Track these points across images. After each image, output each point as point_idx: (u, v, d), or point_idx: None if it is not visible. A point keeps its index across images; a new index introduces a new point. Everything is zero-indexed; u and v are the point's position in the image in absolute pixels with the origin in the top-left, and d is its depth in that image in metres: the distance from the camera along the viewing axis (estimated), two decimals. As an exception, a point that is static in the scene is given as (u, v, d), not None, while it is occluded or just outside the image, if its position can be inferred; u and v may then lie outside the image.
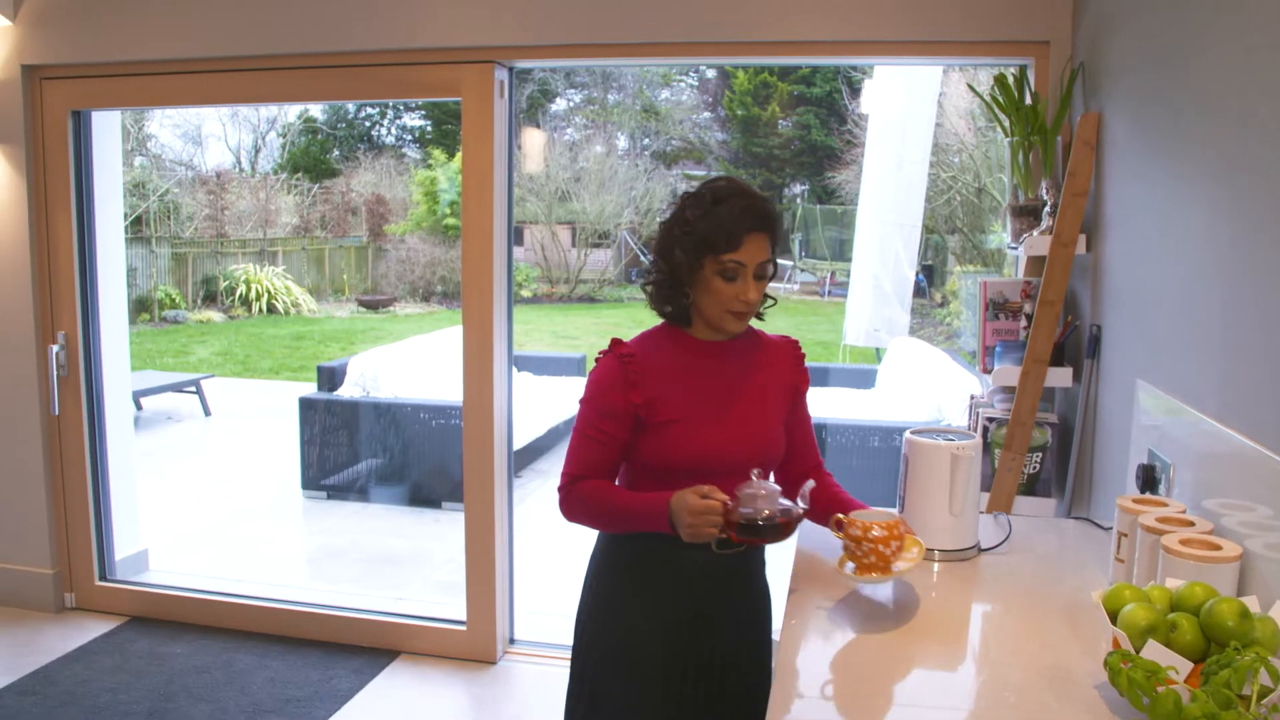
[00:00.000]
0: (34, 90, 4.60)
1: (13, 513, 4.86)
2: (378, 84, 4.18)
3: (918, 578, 2.18)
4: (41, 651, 4.46)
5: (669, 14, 3.79)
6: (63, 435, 4.78)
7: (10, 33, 4.52)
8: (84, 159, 4.69)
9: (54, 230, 4.65)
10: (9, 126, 4.56)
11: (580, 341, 15.20)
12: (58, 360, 4.68)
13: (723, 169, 24.96)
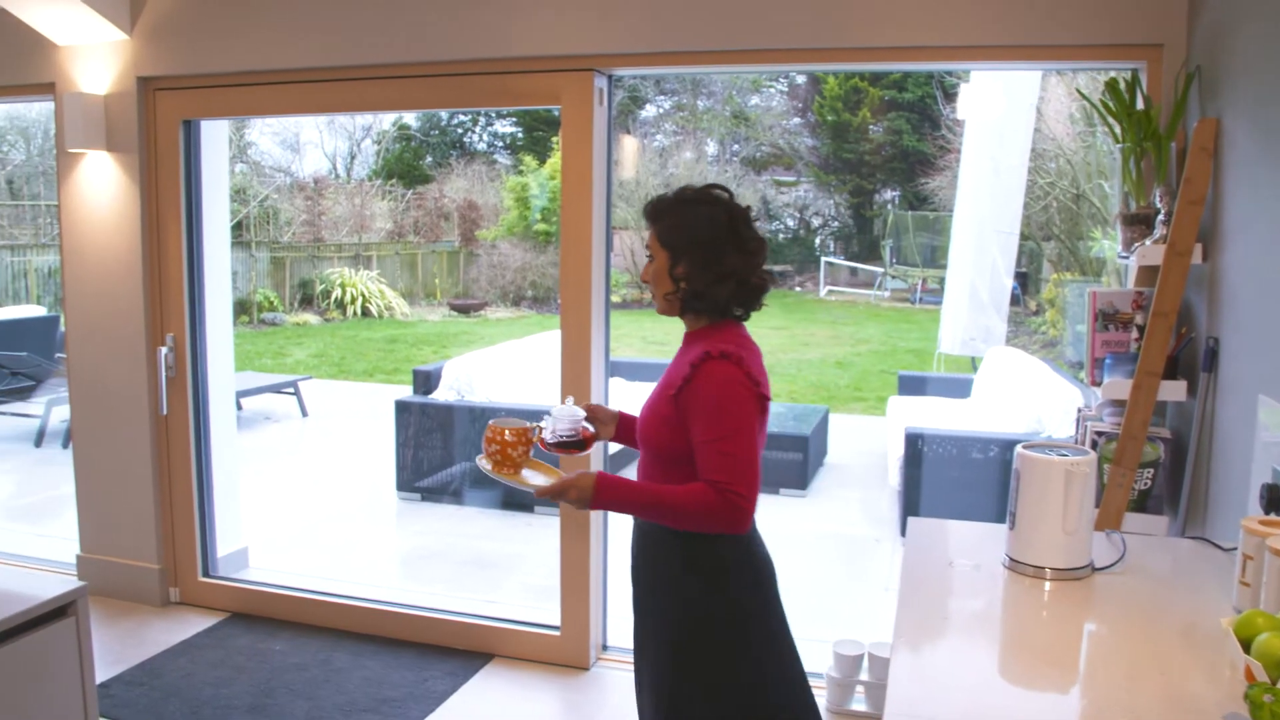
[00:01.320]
0: (148, 101, 4.73)
1: (123, 509, 5.01)
2: (479, 92, 4.22)
3: (1029, 594, 2.13)
4: (148, 644, 4.58)
5: (766, 21, 3.76)
6: (170, 435, 4.91)
7: (127, 46, 4.66)
8: (193, 167, 4.82)
9: (164, 236, 4.78)
10: (125, 136, 4.70)
11: (669, 348, 15.18)
12: (166, 362, 4.80)
13: (812, 175, 24.79)
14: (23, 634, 2.13)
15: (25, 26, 4.67)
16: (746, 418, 2.26)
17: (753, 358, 2.38)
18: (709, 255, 2.35)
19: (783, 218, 25.73)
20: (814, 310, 19.76)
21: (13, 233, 17.25)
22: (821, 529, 6.84)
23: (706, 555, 2.36)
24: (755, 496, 2.25)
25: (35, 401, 9.26)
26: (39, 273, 16.58)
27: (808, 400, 11.78)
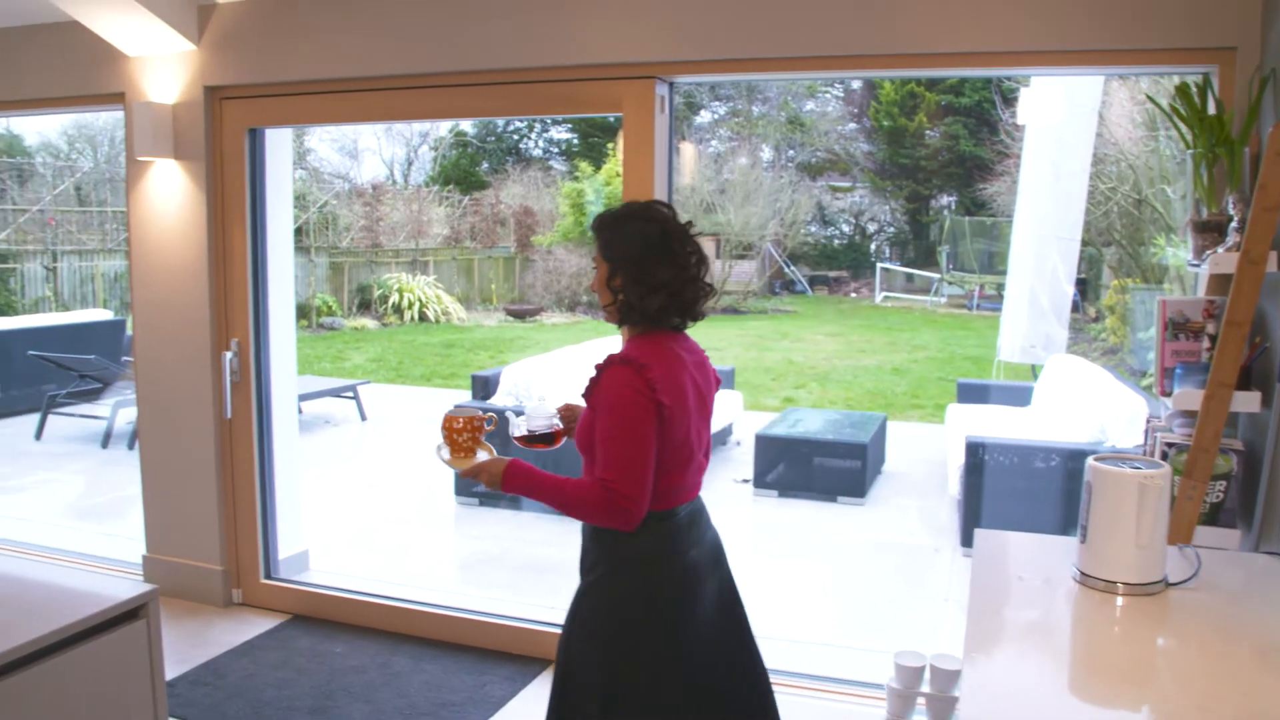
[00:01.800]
0: (214, 109, 4.80)
1: (187, 511, 5.08)
2: (541, 100, 4.24)
3: (1101, 610, 2.09)
4: (211, 644, 4.65)
5: (827, 27, 3.74)
6: (234, 438, 4.97)
7: (194, 56, 4.74)
8: (258, 174, 4.88)
9: (229, 242, 4.85)
10: (192, 144, 4.78)
11: (725, 354, 15.16)
12: (231, 367, 4.87)
13: (868, 180, 24.66)
14: (96, 635, 2.16)
15: (97, 38, 4.77)
16: (638, 422, 2.37)
17: (664, 366, 2.44)
18: (641, 269, 2.46)
19: (838, 223, 25.64)
20: (869, 316, 19.65)
21: (81, 238, 17.59)
22: (880, 538, 6.79)
23: (620, 554, 2.51)
24: (640, 496, 2.37)
25: (102, 404, 9.43)
26: (105, 277, 16.90)
27: (864, 407, 11.71)
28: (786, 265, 23.16)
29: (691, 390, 2.50)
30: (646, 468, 2.38)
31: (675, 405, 2.41)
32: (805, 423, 8.12)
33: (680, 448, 2.47)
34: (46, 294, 16.22)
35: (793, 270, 23.29)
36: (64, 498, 7.78)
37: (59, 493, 7.91)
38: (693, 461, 2.55)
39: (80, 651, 2.12)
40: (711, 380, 2.65)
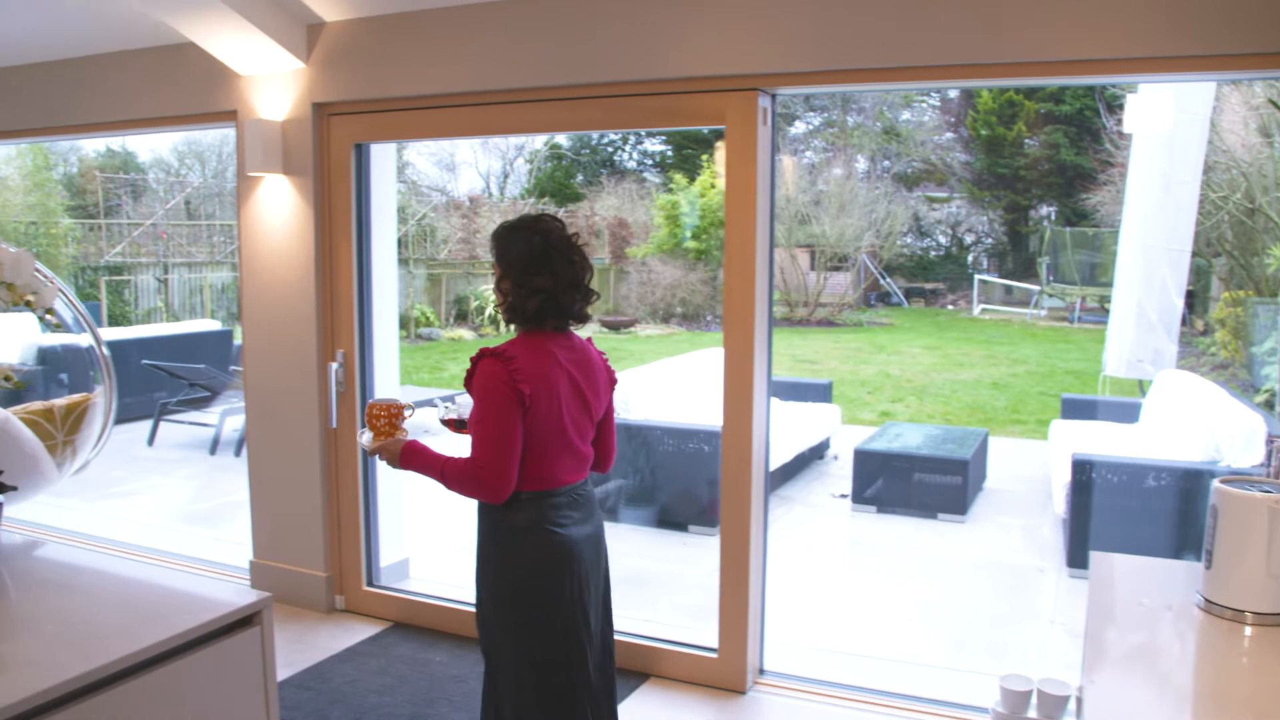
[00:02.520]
0: (322, 126, 4.91)
1: (293, 519, 5.19)
2: (643, 113, 4.25)
3: (1227, 639, 2.02)
4: (315, 649, 4.73)
5: (931, 38, 3.69)
6: (338, 448, 5.06)
7: (303, 74, 4.85)
8: (363, 188, 4.97)
9: (336, 255, 4.94)
10: (301, 159, 4.89)
11: (820, 366, 15.04)
12: (337, 377, 4.96)
13: (965, 191, 24.27)
14: (212, 641, 2.20)
15: (210, 58, 4.90)
16: (501, 407, 2.68)
17: (532, 360, 2.73)
18: (522, 275, 2.76)
19: (934, 234, 25.27)
20: (967, 329, 19.32)
21: (190, 251, 18.10)
22: (982, 556, 6.66)
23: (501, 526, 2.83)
24: (503, 471, 2.70)
25: (210, 411, 9.68)
26: (213, 288, 17.37)
27: (963, 422, 11.51)
28: (882, 277, 22.89)
29: (565, 384, 2.78)
30: (509, 447, 2.70)
31: (539, 394, 2.70)
32: (905, 438, 8.01)
33: (552, 434, 2.75)
34: (158, 304, 16.74)
35: (888, 282, 23.02)
36: (174, 502, 8.00)
37: (169, 497, 8.14)
38: (570, 450, 2.83)
39: (197, 657, 2.16)
40: (598, 378, 2.92)
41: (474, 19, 4.45)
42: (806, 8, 3.83)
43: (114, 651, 2.00)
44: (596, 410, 2.93)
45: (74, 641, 2.10)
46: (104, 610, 2.32)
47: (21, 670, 1.98)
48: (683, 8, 4.03)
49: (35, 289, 2.55)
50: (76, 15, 5.07)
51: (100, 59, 5.50)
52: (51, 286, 2.64)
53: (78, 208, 18.62)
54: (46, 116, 5.78)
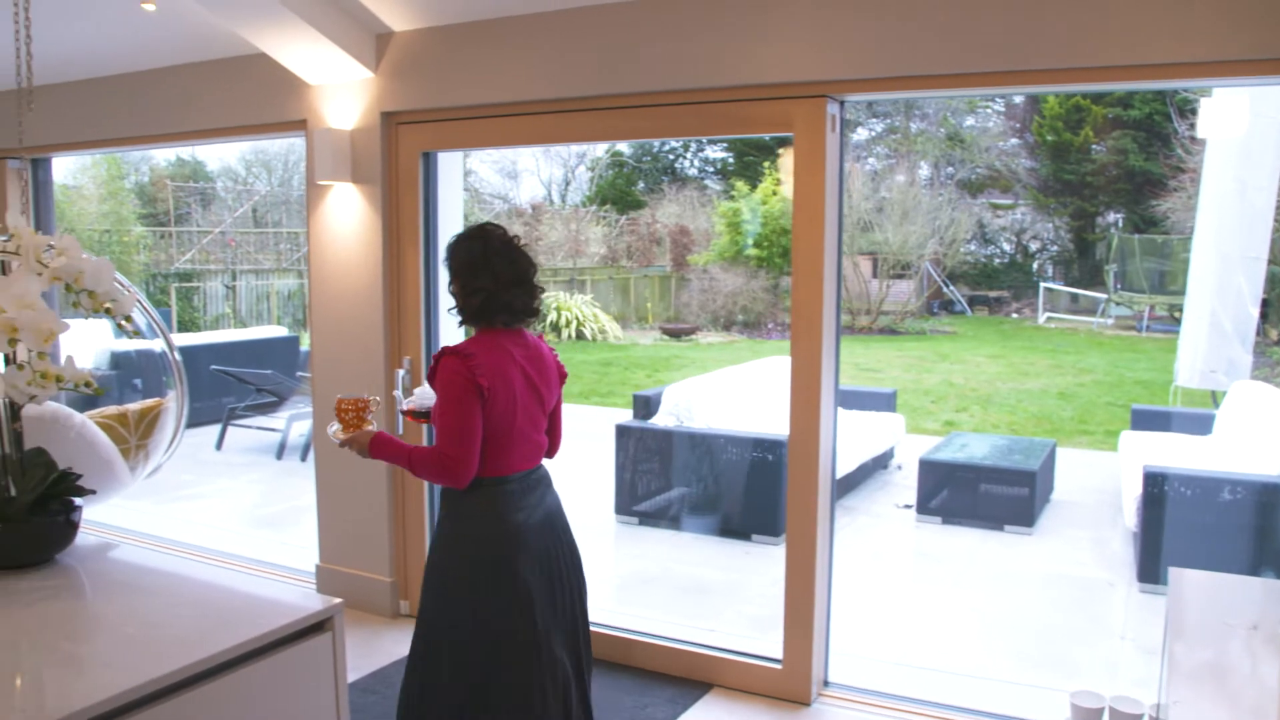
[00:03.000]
0: (390, 134, 4.96)
1: (359, 524, 5.24)
2: (709, 120, 4.24)
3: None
4: (380, 653, 4.76)
5: (1000, 44, 3.64)
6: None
7: (372, 84, 4.90)
8: (430, 197, 5.01)
9: (403, 263, 4.99)
10: (369, 168, 4.94)
11: (883, 375, 14.91)
12: (403, 383, 5.00)
13: (1031, 197, 23.95)
14: (285, 646, 2.22)
15: (281, 69, 4.98)
16: (461, 399, 2.90)
17: (488, 356, 2.96)
18: (467, 277, 3.02)
19: (998, 242, 24.96)
20: (1032, 338, 19.07)
21: (257, 258, 18.39)
22: (1049, 569, 6.55)
23: (459, 510, 3.04)
24: (465, 459, 2.91)
25: (277, 416, 9.82)
26: (280, 295, 17.62)
27: (1029, 432, 11.35)
28: (945, 285, 22.65)
29: (519, 378, 3.02)
30: (470, 436, 2.91)
31: (496, 388, 2.93)
32: (971, 448, 7.91)
33: (508, 424, 2.98)
34: (226, 311, 17.01)
35: (952, 290, 22.77)
36: (242, 506, 8.11)
37: (237, 501, 8.26)
38: (525, 439, 3.07)
39: (271, 661, 2.18)
40: (549, 373, 3.16)
41: (541, 27, 4.47)
42: (875, 13, 3.80)
43: (191, 655, 2.02)
44: (548, 402, 3.18)
45: (152, 644, 2.14)
46: (180, 613, 2.36)
47: (101, 671, 2.02)
48: (750, 15, 4.01)
49: (114, 296, 2.59)
50: (151, 28, 5.17)
51: (174, 70, 5.60)
52: (129, 294, 2.69)
53: (149, 216, 19.00)
54: (122, 127, 5.91)
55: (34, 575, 2.49)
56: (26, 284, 2.39)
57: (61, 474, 2.62)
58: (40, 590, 2.41)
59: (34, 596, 2.37)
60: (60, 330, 2.39)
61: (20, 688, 1.98)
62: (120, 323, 2.65)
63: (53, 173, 7.04)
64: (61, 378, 2.46)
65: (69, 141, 6.20)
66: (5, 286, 2.37)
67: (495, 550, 3.00)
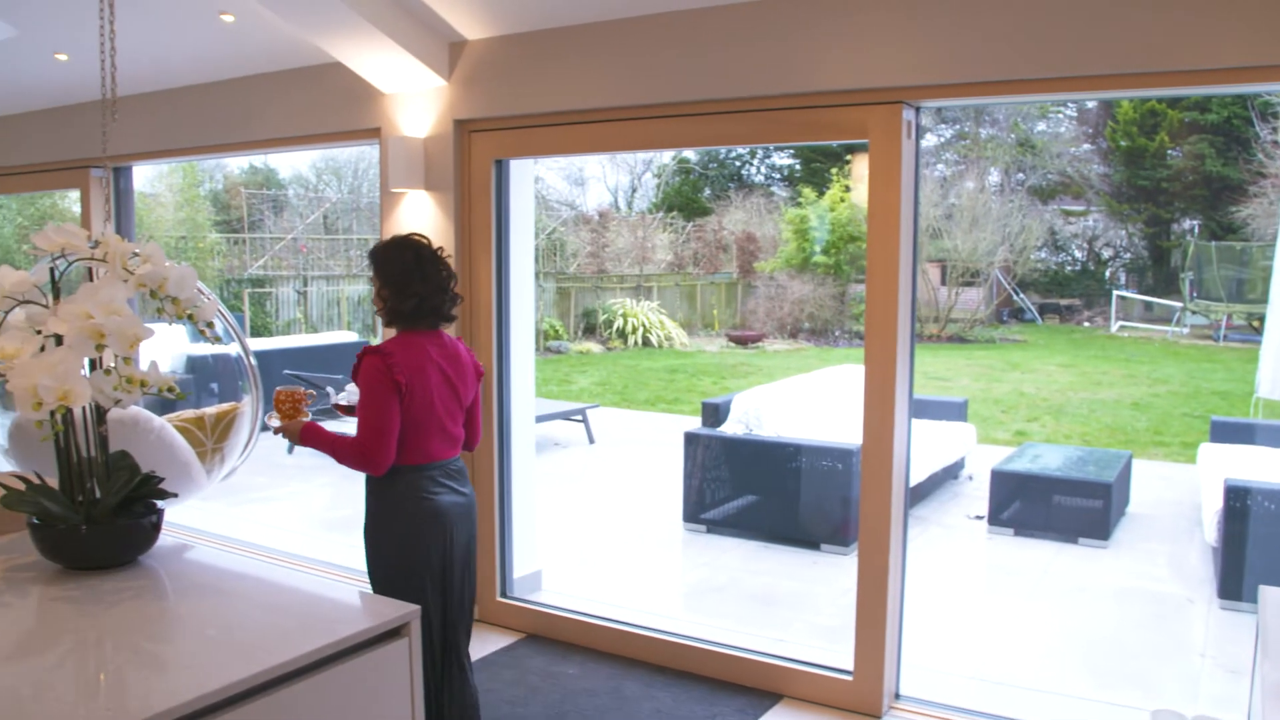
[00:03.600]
0: (463, 142, 5.00)
1: (430, 529, 5.26)
2: (782, 127, 4.22)
3: None
4: (449, 660, 4.78)
5: (1078, 48, 3.56)
6: (476, 460, 5.13)
7: (445, 92, 4.94)
8: (503, 204, 5.04)
9: (476, 270, 5.02)
10: (442, 175, 4.98)
11: (951, 384, 14.74)
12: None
13: (1104, 204, 23.55)
14: (362, 651, 2.24)
15: (356, 78, 5.04)
16: (379, 394, 3.18)
17: (406, 354, 3.24)
18: (400, 284, 3.27)
19: (1070, 249, 24.58)
20: (1105, 347, 18.72)
21: (328, 264, 18.64)
22: (1125, 584, 6.42)
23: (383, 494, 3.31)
24: (381, 449, 3.19)
25: (347, 422, 9.91)
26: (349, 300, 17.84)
27: (1102, 443, 11.14)
28: (1015, 293, 22.34)
29: (436, 375, 3.30)
30: (387, 428, 3.18)
31: (413, 384, 3.20)
32: (1044, 459, 7.78)
33: (425, 417, 3.25)
34: (297, 316, 17.26)
35: (1022, 298, 22.45)
36: (312, 509, 8.22)
37: (308, 504, 8.37)
38: (442, 430, 3.33)
39: (348, 666, 2.19)
40: (466, 371, 3.44)
41: (613, 35, 4.48)
42: (952, 18, 3.76)
43: (271, 659, 2.04)
44: (465, 397, 3.45)
45: (233, 647, 2.16)
46: (259, 617, 2.38)
47: (183, 673, 2.04)
48: (824, 21, 3.99)
49: (196, 303, 2.63)
50: (229, 39, 5.27)
51: (251, 80, 5.70)
52: (211, 301, 2.73)
53: (222, 222, 19.35)
54: (201, 136, 6.02)
55: (118, 576, 2.54)
56: (113, 290, 2.43)
57: (145, 477, 2.67)
58: (124, 591, 2.45)
59: (118, 597, 2.41)
60: (145, 336, 2.43)
61: (105, 687, 2.02)
62: (201, 329, 2.69)
63: (133, 181, 7.19)
64: (146, 382, 2.51)
65: (149, 150, 6.33)
66: (92, 293, 2.41)
67: (417, 530, 3.31)
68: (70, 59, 5.87)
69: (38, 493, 2.57)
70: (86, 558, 2.55)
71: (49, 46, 5.79)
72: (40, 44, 5.77)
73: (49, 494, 2.57)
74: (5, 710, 1.81)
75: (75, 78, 6.15)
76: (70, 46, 5.72)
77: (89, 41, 4.18)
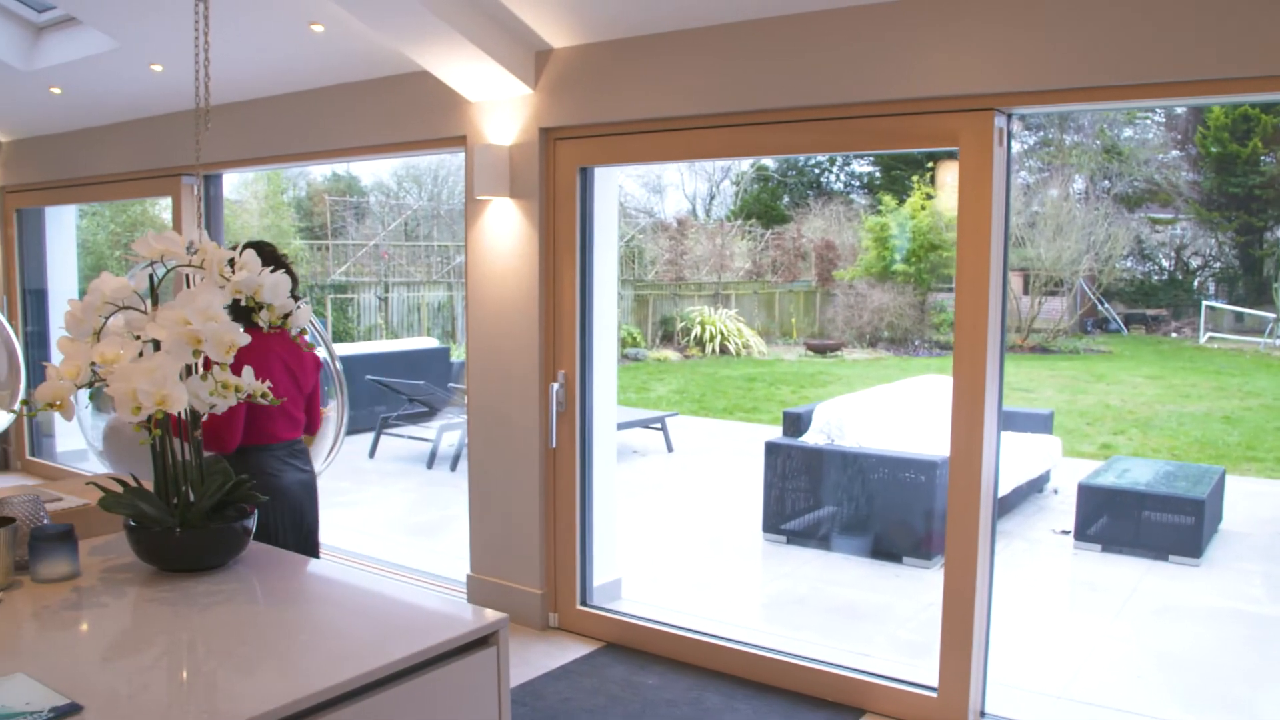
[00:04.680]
0: (549, 150, 5.01)
1: (511, 536, 5.29)
2: (870, 135, 4.16)
3: None
4: (530, 666, 4.79)
5: (1175, 53, 3.45)
6: (557, 467, 5.14)
7: (531, 100, 4.96)
8: (587, 212, 5.04)
9: (560, 277, 5.03)
10: (528, 183, 5.00)
11: (1035, 395, 14.48)
12: (557, 397, 5.04)
13: (1193, 211, 23.00)
14: (452, 659, 2.23)
15: (442, 86, 5.08)
16: None
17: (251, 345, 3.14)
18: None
19: (1157, 258, 24.04)
20: (1193, 358, 18.28)
21: (409, 270, 18.86)
22: (1219, 604, 6.23)
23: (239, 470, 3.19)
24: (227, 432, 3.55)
25: (428, 426, 10.03)
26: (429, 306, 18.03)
27: (1191, 458, 10.87)
28: (1100, 303, 21.91)
29: (278, 365, 3.71)
30: (235, 410, 3.47)
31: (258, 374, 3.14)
32: (1133, 473, 7.59)
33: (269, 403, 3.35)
34: (378, 322, 17.49)
35: (1107, 308, 22.01)
36: (393, 513, 8.30)
37: (389, 508, 8.46)
38: (285, 415, 3.76)
39: (439, 673, 2.19)
40: (306, 362, 3.89)
41: (699, 42, 4.46)
42: (1045, 22, 3.67)
43: (362, 665, 2.05)
44: (305, 385, 3.90)
45: (323, 652, 2.17)
46: (350, 623, 2.40)
47: (274, 678, 2.06)
48: (913, 27, 3.93)
49: (290, 309, 2.66)
50: (318, 48, 5.34)
51: (339, 89, 5.78)
52: (304, 308, 2.76)
53: (306, 229, 19.68)
54: (290, 144, 6.12)
55: (210, 578, 2.57)
56: (210, 297, 2.46)
57: (238, 481, 2.70)
58: (216, 593, 2.48)
59: (210, 600, 2.43)
60: (241, 342, 2.47)
61: (198, 689, 2.04)
62: (295, 336, 2.72)
63: (223, 189, 7.33)
64: (240, 388, 2.54)
65: (239, 158, 6.45)
66: (190, 299, 2.45)
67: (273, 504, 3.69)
68: (164, 69, 6.01)
69: (134, 495, 2.61)
70: (180, 560, 2.59)
71: (145, 58, 5.93)
72: (137, 55, 5.91)
73: (145, 497, 2.61)
74: (102, 708, 1.84)
75: (169, 88, 6.29)
76: (165, 57, 5.85)
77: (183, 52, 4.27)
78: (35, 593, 2.46)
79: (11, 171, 8.40)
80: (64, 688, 1.90)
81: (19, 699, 1.83)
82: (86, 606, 2.41)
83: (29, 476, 8.62)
